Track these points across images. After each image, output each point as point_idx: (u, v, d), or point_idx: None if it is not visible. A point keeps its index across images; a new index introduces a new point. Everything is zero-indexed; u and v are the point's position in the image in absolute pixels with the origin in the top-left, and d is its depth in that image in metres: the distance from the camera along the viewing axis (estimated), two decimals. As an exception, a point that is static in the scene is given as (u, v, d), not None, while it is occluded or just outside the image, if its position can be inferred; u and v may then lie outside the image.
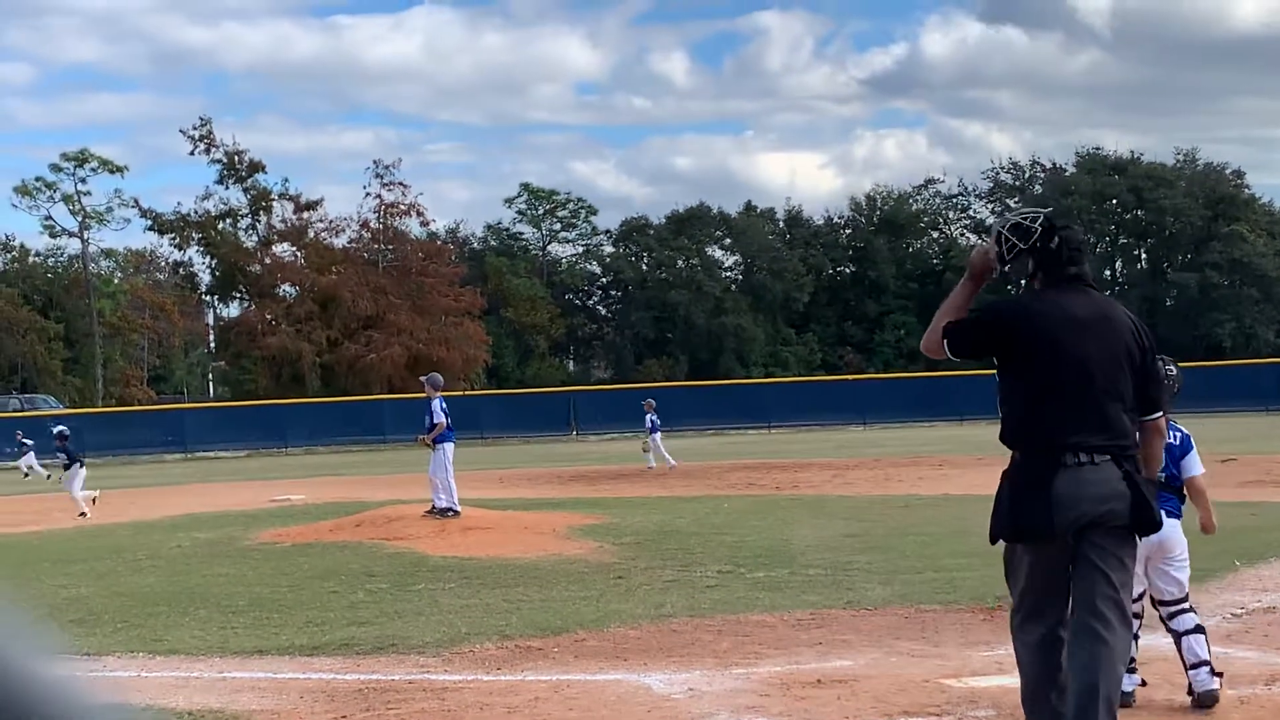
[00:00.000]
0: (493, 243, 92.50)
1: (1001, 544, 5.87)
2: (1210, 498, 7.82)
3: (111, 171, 79.37)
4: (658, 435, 32.62)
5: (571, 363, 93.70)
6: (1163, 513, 5.91)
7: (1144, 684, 8.48)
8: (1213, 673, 7.40)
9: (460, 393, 61.79)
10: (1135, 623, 6.64)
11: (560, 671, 9.12)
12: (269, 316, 71.63)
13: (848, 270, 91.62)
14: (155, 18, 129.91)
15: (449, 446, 20.11)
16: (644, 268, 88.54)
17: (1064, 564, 5.67)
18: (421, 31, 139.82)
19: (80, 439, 54.39)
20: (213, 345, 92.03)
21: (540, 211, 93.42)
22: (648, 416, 32.81)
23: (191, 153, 72.26)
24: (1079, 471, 5.58)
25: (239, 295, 76.20)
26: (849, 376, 63.68)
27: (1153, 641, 9.43)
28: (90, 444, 53.87)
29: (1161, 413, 5.92)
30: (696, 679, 8.69)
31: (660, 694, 8.34)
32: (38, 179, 78.63)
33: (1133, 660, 7.16)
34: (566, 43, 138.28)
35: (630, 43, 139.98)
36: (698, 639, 10.12)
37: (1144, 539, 5.92)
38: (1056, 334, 5.69)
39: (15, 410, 62.79)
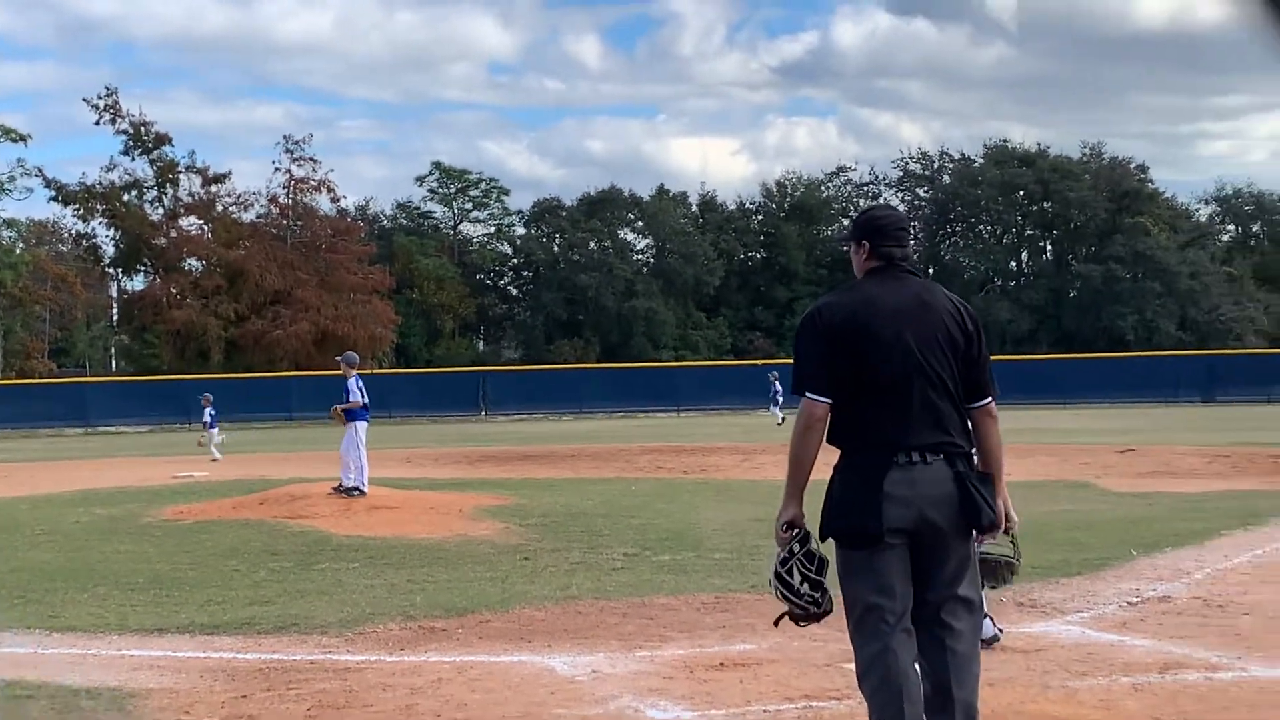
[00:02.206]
0: (403, 221, 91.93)
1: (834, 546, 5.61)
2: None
3: (14, 140, 77.72)
4: None
5: (481, 343, 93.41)
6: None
7: (1002, 631, 8.67)
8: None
9: (369, 371, 61.46)
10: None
11: (464, 653, 9.10)
12: (174, 290, 70.85)
13: (758, 255, 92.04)
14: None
15: (362, 425, 19.94)
16: (555, 249, 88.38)
17: (901, 566, 5.41)
18: (334, 7, 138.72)
19: (-22, 411, 53.89)
20: (116, 318, 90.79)
21: (452, 191, 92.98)
22: None
23: (97, 123, 71.27)
24: (911, 471, 5.38)
25: (143, 268, 75.22)
26: (759, 361, 63.94)
27: (1048, 629, 9.58)
28: (-11, 416, 53.18)
29: (990, 398, 5.60)
30: (600, 661, 8.71)
31: (564, 676, 8.35)
32: (-63, 148, 77.07)
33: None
34: (479, 22, 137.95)
35: (543, 24, 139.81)
36: (603, 621, 10.14)
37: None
38: (873, 325, 5.44)
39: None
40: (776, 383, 45.65)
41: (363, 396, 20.06)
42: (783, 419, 43.50)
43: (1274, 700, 7.43)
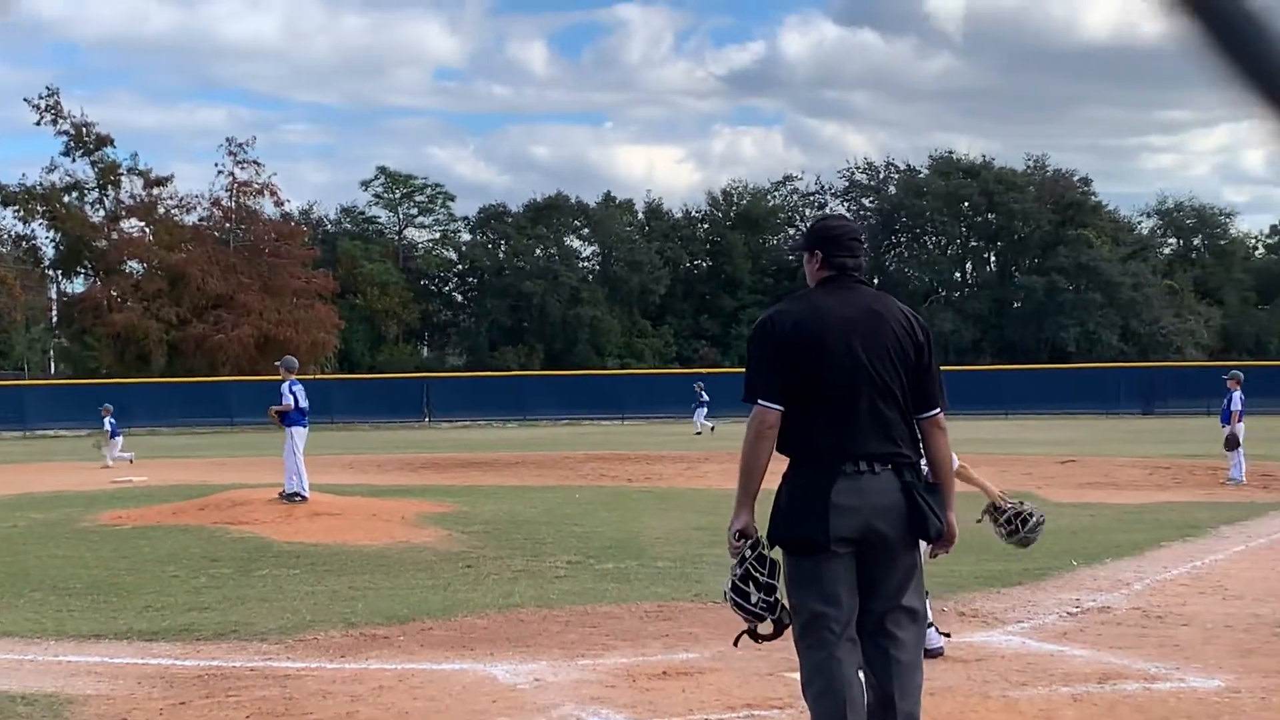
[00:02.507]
0: (347, 226, 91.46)
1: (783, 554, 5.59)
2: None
3: (-46, 140, 77.16)
4: None
5: (426, 349, 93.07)
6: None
7: (948, 636, 8.71)
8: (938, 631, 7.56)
9: (311, 376, 61.09)
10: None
11: (405, 660, 9.06)
12: (115, 293, 70.21)
13: (704, 264, 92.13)
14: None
15: (299, 430, 19.77)
16: (501, 256, 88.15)
17: (848, 575, 5.42)
18: (279, 11, 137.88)
19: (-86, 414, 53.25)
20: (55, 321, 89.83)
21: (397, 196, 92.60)
22: None
23: (38, 123, 70.48)
24: (859, 481, 5.39)
25: (84, 270, 74.48)
26: (704, 370, 64.03)
27: (989, 638, 9.63)
28: (-76, 419, 52.57)
29: (939, 409, 5.61)
30: (542, 669, 8.68)
31: (506, 684, 8.32)
32: (-126, 146, 76.16)
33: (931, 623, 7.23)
34: (426, 28, 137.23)
35: (490, 30, 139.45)
36: (545, 629, 10.12)
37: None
38: (823, 334, 5.45)
39: None
40: (703, 393, 45.96)
41: (298, 401, 19.90)
42: (703, 429, 43.84)
43: (1211, 711, 7.49)
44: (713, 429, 43.68)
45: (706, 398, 45.90)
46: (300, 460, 19.41)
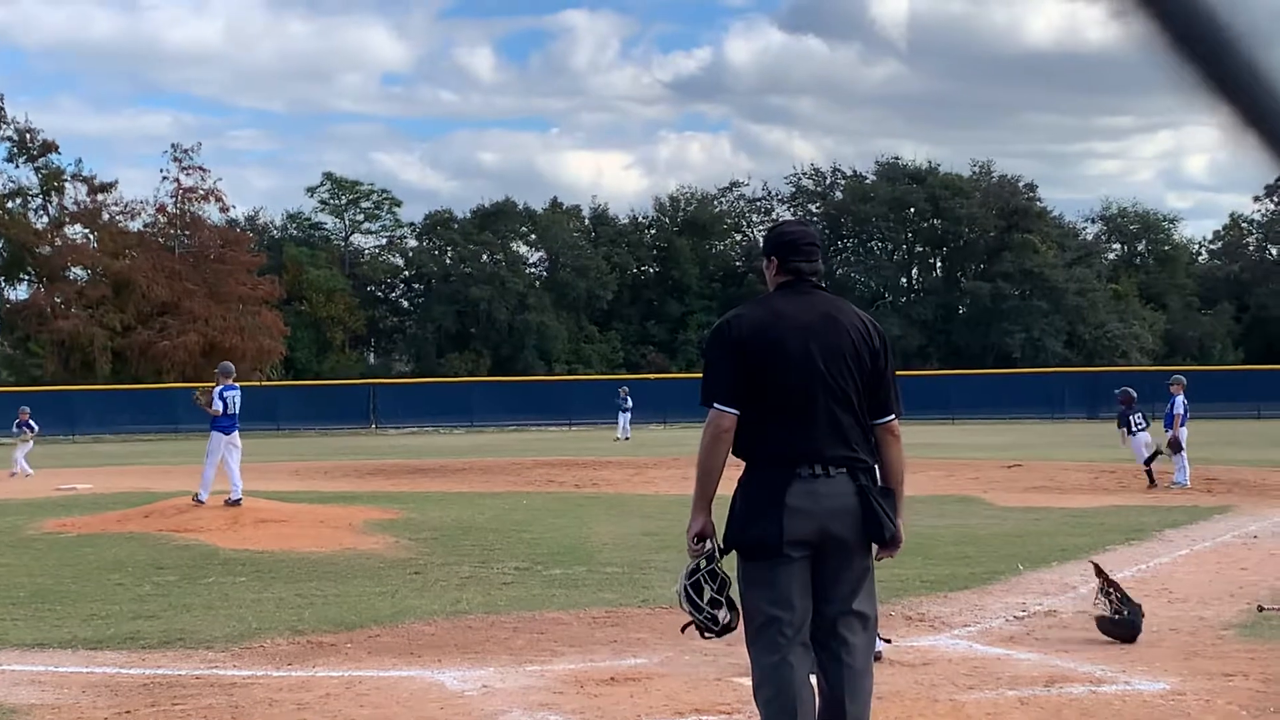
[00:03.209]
0: (293, 232, 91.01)
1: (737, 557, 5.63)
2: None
3: (-107, 146, 76.24)
4: None
5: (372, 355, 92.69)
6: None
7: (889, 641, 8.75)
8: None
9: (257, 383, 60.71)
10: None
11: (353, 668, 9.02)
12: (59, 300, 69.60)
13: (652, 270, 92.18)
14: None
15: (217, 435, 19.86)
16: (447, 262, 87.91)
17: (801, 579, 5.44)
18: (223, 16, 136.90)
19: None
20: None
21: (343, 202, 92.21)
22: None
23: (-19, 129, 69.90)
24: (813, 484, 5.41)
25: (27, 277, 73.82)
26: (651, 375, 64.13)
27: (936, 642, 9.68)
28: None
29: (893, 416, 5.63)
30: (490, 676, 8.66)
31: (454, 690, 8.30)
32: None
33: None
34: (372, 33, 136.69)
35: (437, 36, 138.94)
36: (493, 636, 10.10)
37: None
38: (780, 339, 5.48)
39: None
40: (627, 398, 46.18)
41: (227, 407, 19.87)
42: (622, 437, 44.08)
43: (1157, 714, 7.55)
44: (617, 439, 44.03)
45: (630, 403, 46.26)
46: (212, 464, 19.56)
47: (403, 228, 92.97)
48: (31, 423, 32.49)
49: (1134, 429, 24.28)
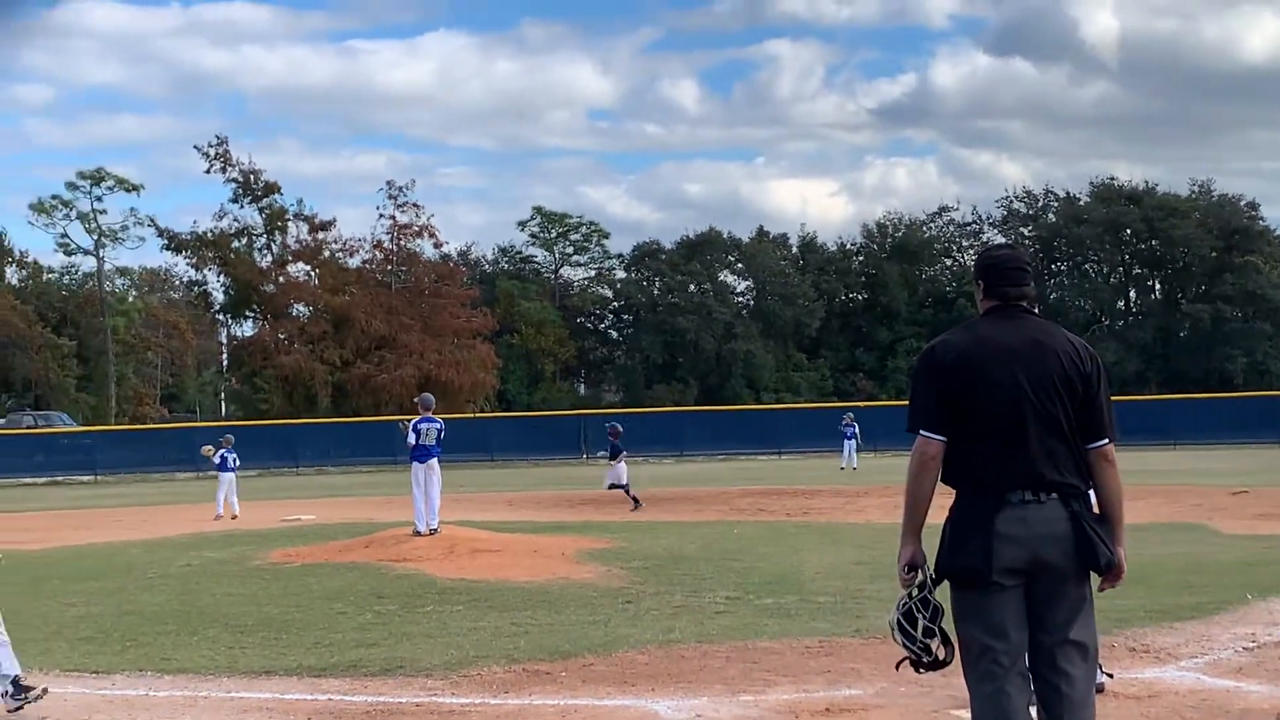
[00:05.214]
0: (504, 265, 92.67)
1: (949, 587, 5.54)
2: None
3: (128, 190, 79.78)
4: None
5: (582, 386, 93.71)
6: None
7: (1111, 676, 8.49)
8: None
9: (470, 415, 61.87)
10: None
11: (567, 696, 9.10)
12: (282, 336, 71.74)
13: (860, 297, 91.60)
14: (174, 41, 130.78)
15: (415, 466, 20.33)
16: (655, 292, 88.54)
17: (1015, 608, 5.35)
18: (435, 57, 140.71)
19: (92, 456, 54.95)
20: (225, 364, 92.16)
21: (552, 235, 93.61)
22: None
23: (208, 170, 72.61)
24: (1024, 510, 5.31)
25: (252, 314, 76.32)
26: (861, 403, 63.54)
27: (1162, 674, 9.40)
28: (102, 461, 54.28)
29: (1107, 440, 5.47)
30: (704, 706, 8.66)
31: (668, 720, 8.32)
32: (54, 197, 79.08)
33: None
34: (578, 70, 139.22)
35: (641, 70, 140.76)
36: (706, 665, 10.09)
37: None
38: (986, 365, 5.40)
39: (29, 427, 62.98)
40: (853, 425, 45.00)
41: (419, 438, 20.28)
42: (848, 466, 43.07)
43: (1398, 749, 7.23)
44: (843, 468, 43.11)
45: (855, 431, 45.10)
46: (416, 494, 20.04)
47: (611, 259, 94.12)
48: (226, 453, 29.48)
49: None
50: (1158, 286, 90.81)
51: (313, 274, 74.37)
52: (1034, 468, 5.35)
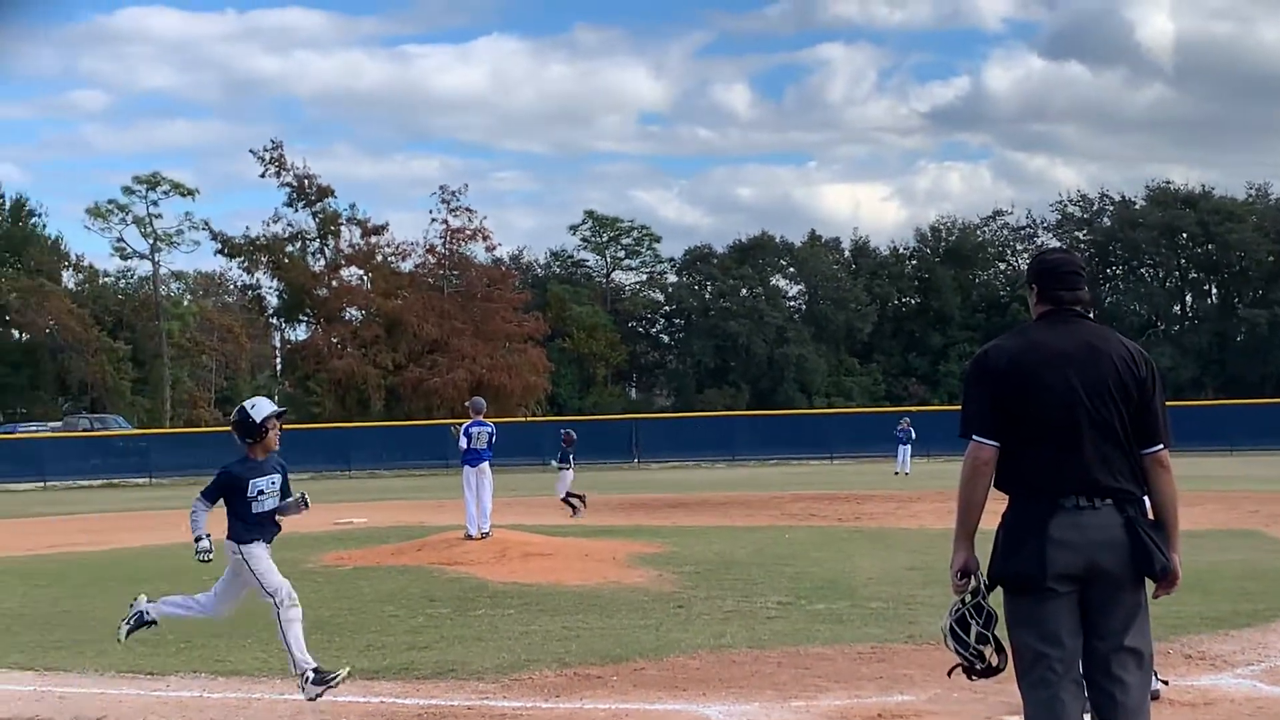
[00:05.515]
0: (556, 269, 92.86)
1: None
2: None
3: (183, 195, 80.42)
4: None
5: (634, 390, 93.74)
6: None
7: (1166, 683, 8.42)
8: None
9: (521, 419, 61.99)
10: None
11: (619, 700, 9.10)
12: (335, 340, 72.11)
13: (913, 301, 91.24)
14: (228, 46, 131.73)
15: (466, 469, 20.50)
16: (707, 296, 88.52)
17: (1070, 614, 5.31)
18: (488, 62, 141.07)
19: (147, 459, 55.43)
20: (279, 367, 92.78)
21: (604, 239, 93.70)
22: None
23: (262, 174, 73.12)
24: (1078, 516, 5.28)
25: (306, 318, 76.75)
26: (913, 408, 63.26)
27: (1217, 681, 9.31)
28: (158, 464, 54.75)
29: (1162, 446, 5.43)
30: (755, 711, 8.65)
31: (719, 725, 8.30)
32: (110, 201, 79.84)
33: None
34: (630, 74, 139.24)
35: (693, 75, 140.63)
36: (757, 670, 10.08)
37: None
38: (1040, 370, 5.37)
39: (85, 430, 63.59)
40: (909, 430, 44.85)
41: (470, 442, 20.37)
42: (902, 471, 42.94)
43: None
44: (896, 473, 42.93)
45: (911, 433, 44.86)
46: (468, 497, 20.14)
47: (662, 263, 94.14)
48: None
49: None
50: (1214, 291, 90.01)
51: (365, 278, 74.72)
52: (1088, 473, 5.31)
